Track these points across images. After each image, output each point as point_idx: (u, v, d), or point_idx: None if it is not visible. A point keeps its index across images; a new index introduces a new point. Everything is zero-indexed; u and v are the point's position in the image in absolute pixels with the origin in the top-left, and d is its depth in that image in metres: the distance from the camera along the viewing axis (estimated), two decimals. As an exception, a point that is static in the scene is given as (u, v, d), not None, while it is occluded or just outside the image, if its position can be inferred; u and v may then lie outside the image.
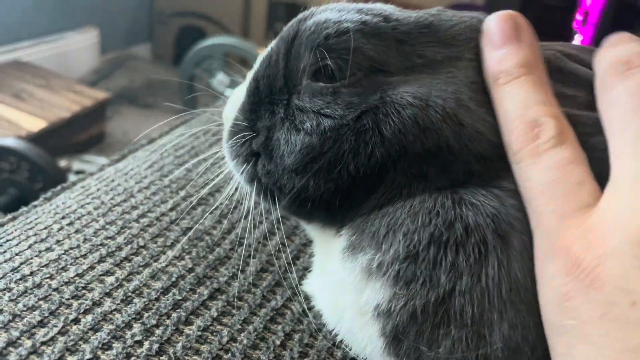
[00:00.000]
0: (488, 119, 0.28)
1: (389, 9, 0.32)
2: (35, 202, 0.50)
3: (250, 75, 0.36)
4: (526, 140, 0.26)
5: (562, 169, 0.25)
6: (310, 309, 0.37)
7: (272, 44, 0.35)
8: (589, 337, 0.21)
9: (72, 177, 1.56)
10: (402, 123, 0.28)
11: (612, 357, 0.20)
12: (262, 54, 0.35)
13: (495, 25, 0.29)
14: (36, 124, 1.79)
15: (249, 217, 0.38)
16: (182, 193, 0.49)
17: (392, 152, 0.28)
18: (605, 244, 0.22)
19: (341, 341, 0.34)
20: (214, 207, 0.47)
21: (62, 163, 1.65)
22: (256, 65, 0.35)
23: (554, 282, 0.23)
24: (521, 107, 0.27)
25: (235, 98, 0.36)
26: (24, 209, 0.49)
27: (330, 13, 0.31)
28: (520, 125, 0.26)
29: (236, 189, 0.37)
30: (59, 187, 0.52)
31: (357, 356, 0.33)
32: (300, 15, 0.33)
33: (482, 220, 0.27)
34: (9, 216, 0.48)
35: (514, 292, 0.26)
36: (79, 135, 2.02)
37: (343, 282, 0.31)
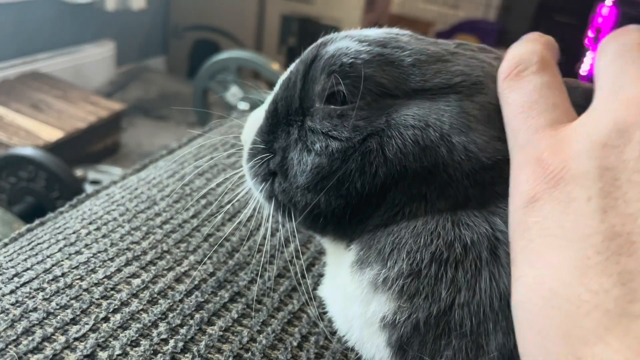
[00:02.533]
0: (478, 142, 0.29)
1: (405, 37, 0.34)
2: (62, 209, 0.52)
3: (269, 98, 0.38)
4: (511, 69, 0.29)
5: (539, 92, 0.27)
6: (324, 313, 0.39)
7: (292, 66, 0.37)
8: (547, 230, 0.23)
9: (87, 187, 1.59)
10: (404, 144, 0.30)
11: (564, 246, 0.22)
12: (282, 76, 0.38)
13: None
14: (53, 134, 1.83)
15: (267, 225, 0.40)
16: (203, 201, 0.51)
17: (394, 172, 0.30)
18: (571, 148, 0.24)
19: (352, 348, 0.36)
20: (237, 221, 0.49)
21: (78, 173, 1.68)
22: (276, 88, 0.38)
23: (523, 186, 0.25)
24: (515, 50, 0.30)
25: (253, 121, 0.39)
26: (51, 214, 0.52)
27: (350, 41, 0.33)
28: (510, 60, 0.29)
29: (254, 210, 0.39)
30: (83, 195, 0.55)
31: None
32: (321, 40, 0.36)
33: (477, 239, 0.29)
34: (37, 221, 0.50)
35: (504, 302, 0.27)
36: (94, 145, 2.06)
37: (352, 294, 0.33)
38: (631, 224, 0.21)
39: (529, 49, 0.30)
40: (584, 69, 2.44)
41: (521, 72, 0.28)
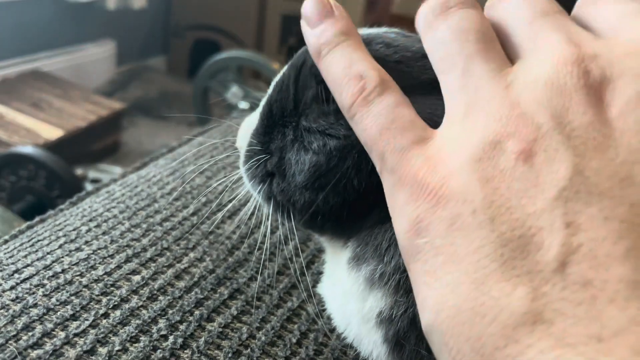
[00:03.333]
0: None
1: (392, 35, 0.34)
2: (62, 206, 0.53)
3: (263, 101, 0.38)
4: (355, 93, 0.28)
5: (392, 112, 0.27)
6: (323, 311, 0.39)
7: (284, 69, 0.37)
8: (438, 249, 0.23)
9: (87, 186, 1.59)
10: None
11: (459, 261, 0.22)
12: (275, 79, 0.38)
13: (310, 6, 0.31)
14: (54, 133, 1.83)
15: (267, 224, 0.40)
16: (203, 199, 0.51)
17: None
18: (447, 166, 0.24)
19: (351, 345, 0.36)
20: (237, 219, 0.49)
21: (78, 171, 1.69)
22: (269, 91, 0.38)
23: (405, 210, 0.25)
24: (346, 66, 0.28)
25: (246, 127, 0.39)
26: (51, 212, 0.52)
27: None
28: (348, 82, 0.28)
29: (254, 208, 0.39)
30: (83, 192, 0.55)
31: (367, 359, 0.35)
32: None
33: None
34: (37, 218, 0.51)
35: None
36: (94, 144, 2.06)
37: (349, 291, 0.33)
38: (520, 229, 0.21)
39: (361, 67, 0.28)
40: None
41: (365, 98, 0.27)
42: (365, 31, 0.35)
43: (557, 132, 0.22)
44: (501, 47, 0.27)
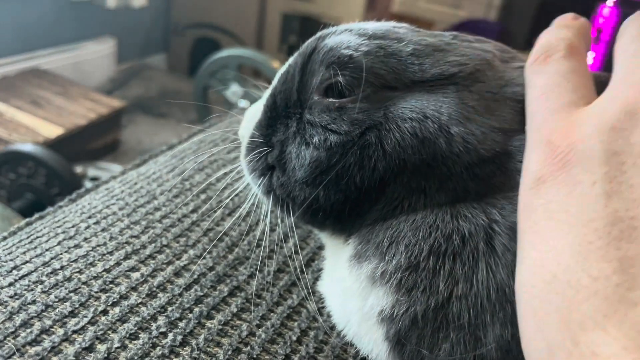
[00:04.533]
0: (476, 133, 0.29)
1: (403, 30, 0.34)
2: (61, 203, 0.52)
3: (267, 92, 0.38)
4: (539, 54, 0.29)
5: (562, 76, 0.27)
6: (323, 308, 0.39)
7: (291, 59, 0.37)
8: (552, 213, 0.23)
9: (87, 184, 1.59)
10: (402, 137, 0.30)
11: (568, 230, 0.22)
12: (281, 70, 0.37)
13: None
14: (53, 131, 1.83)
15: (266, 221, 0.40)
16: (203, 196, 0.51)
17: (393, 166, 0.30)
18: (579, 132, 0.24)
19: (352, 342, 0.36)
20: (237, 216, 0.49)
21: (78, 169, 1.68)
22: (274, 82, 0.37)
23: (531, 167, 0.25)
24: (545, 36, 0.30)
25: (250, 117, 0.39)
26: (51, 209, 0.51)
27: (349, 35, 0.33)
28: (539, 46, 0.30)
29: (254, 202, 0.39)
30: (83, 189, 0.55)
31: (367, 357, 0.35)
32: (320, 33, 0.35)
33: (474, 230, 0.29)
34: (37, 215, 0.50)
35: (501, 293, 0.27)
36: (94, 142, 2.06)
37: (350, 288, 0.33)
38: (634, 210, 0.21)
39: (559, 35, 0.30)
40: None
41: (547, 58, 0.29)
42: (376, 25, 0.35)
43: None
44: None
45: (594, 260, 0.21)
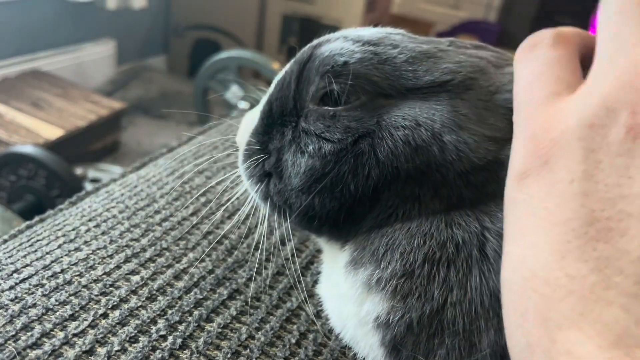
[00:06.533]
0: (469, 141, 0.29)
1: (398, 36, 0.34)
2: (62, 206, 0.52)
3: (264, 99, 0.38)
4: (526, 46, 0.29)
5: (546, 66, 0.27)
6: (322, 311, 0.39)
7: (287, 66, 0.37)
8: (533, 210, 0.23)
9: (87, 185, 1.59)
10: (395, 145, 0.30)
11: (548, 228, 0.22)
12: (277, 77, 0.38)
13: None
14: (53, 132, 1.83)
15: (265, 224, 0.40)
16: (202, 199, 0.51)
17: (386, 173, 0.30)
18: (562, 126, 0.23)
19: (349, 346, 0.36)
20: (236, 219, 0.49)
21: (78, 171, 1.68)
22: (270, 89, 0.37)
23: (516, 161, 0.25)
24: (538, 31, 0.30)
25: (247, 123, 0.39)
26: (51, 212, 0.52)
27: (344, 42, 0.33)
28: (529, 38, 0.29)
29: (253, 206, 0.39)
30: (83, 192, 0.55)
31: (365, 360, 0.35)
32: (315, 41, 0.36)
33: (468, 237, 0.29)
34: (37, 218, 0.51)
35: (494, 299, 0.28)
36: (94, 144, 2.06)
37: (346, 294, 0.33)
38: (610, 210, 0.21)
39: (551, 29, 0.29)
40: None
41: (533, 47, 0.28)
42: (372, 31, 0.35)
43: None
44: None
45: (572, 259, 0.21)
